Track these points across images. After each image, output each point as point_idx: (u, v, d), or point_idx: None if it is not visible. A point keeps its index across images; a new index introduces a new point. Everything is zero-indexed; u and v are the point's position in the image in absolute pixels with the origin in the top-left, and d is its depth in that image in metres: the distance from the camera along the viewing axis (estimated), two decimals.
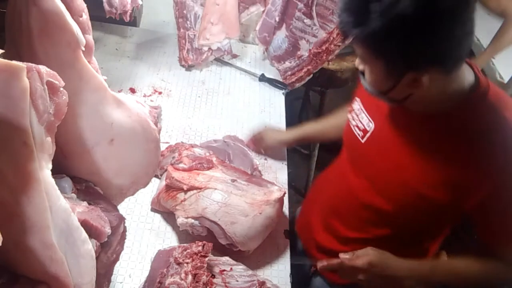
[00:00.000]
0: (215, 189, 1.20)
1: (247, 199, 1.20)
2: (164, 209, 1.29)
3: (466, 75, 0.91)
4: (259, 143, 1.50)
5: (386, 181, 1.03)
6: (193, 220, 1.19)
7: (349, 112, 1.14)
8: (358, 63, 0.92)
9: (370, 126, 1.05)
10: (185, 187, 1.21)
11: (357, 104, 1.11)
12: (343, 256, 1.02)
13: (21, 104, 0.54)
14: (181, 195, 1.21)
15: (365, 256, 1.00)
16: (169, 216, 1.31)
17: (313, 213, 1.29)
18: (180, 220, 1.20)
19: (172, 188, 1.24)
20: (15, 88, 0.52)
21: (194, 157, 1.30)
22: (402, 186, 0.99)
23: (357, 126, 1.09)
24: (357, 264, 0.99)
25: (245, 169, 1.36)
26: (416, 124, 0.96)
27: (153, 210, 1.32)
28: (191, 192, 1.21)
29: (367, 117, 1.07)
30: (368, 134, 1.06)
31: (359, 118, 1.09)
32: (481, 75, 0.92)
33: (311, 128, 1.45)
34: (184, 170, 1.25)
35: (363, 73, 0.93)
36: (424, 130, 0.95)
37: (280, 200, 1.24)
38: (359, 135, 1.09)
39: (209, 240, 1.14)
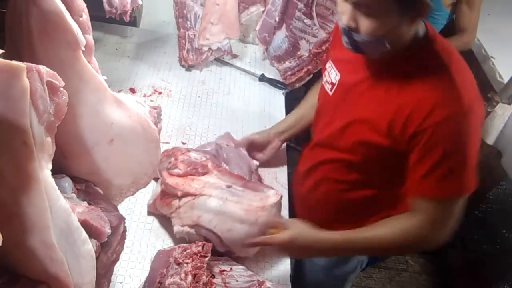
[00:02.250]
0: (210, 196, 1.17)
1: (243, 206, 1.17)
2: (160, 213, 1.28)
3: (420, 26, 1.01)
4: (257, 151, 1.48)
5: (342, 129, 1.11)
6: (189, 229, 1.17)
7: (323, 71, 1.24)
8: (349, 21, 0.97)
9: (336, 78, 1.15)
10: (179, 193, 1.18)
11: (328, 63, 1.20)
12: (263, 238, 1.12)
13: (21, 104, 0.54)
14: (175, 202, 1.19)
15: (288, 229, 1.09)
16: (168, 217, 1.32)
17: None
18: (176, 228, 1.19)
19: (167, 194, 1.22)
20: (15, 88, 0.52)
21: (190, 162, 1.27)
22: (353, 133, 1.08)
23: (327, 81, 1.19)
24: (277, 242, 1.09)
25: (242, 173, 1.32)
26: (370, 74, 1.06)
27: (150, 214, 1.31)
28: (186, 199, 1.18)
29: (335, 71, 1.16)
30: (335, 86, 1.15)
31: (329, 74, 1.18)
32: (430, 27, 1.03)
33: (293, 118, 1.47)
34: (178, 175, 1.23)
35: (353, 29, 0.98)
36: (374, 79, 1.05)
37: (277, 205, 1.22)
38: (328, 88, 1.18)
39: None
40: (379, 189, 1.16)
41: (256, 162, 1.45)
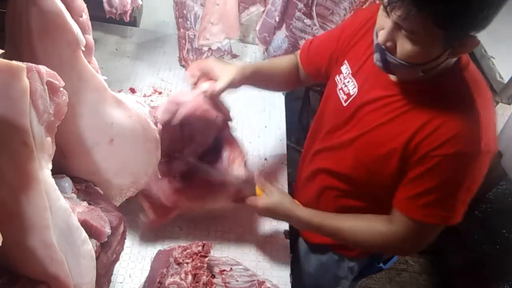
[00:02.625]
0: None
1: None
2: None
3: None
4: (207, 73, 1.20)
5: (355, 144, 1.09)
6: None
7: (337, 74, 1.16)
8: (387, 39, 0.90)
9: (354, 91, 1.10)
10: None
11: (345, 68, 1.13)
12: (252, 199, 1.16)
13: (21, 104, 0.54)
14: None
15: (264, 200, 1.14)
16: None
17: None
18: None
19: None
20: (15, 88, 0.52)
21: None
22: (363, 149, 1.07)
23: (342, 90, 1.13)
24: (257, 206, 1.15)
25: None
26: (393, 91, 1.01)
27: None
28: None
29: (354, 82, 1.10)
30: (350, 99, 1.10)
31: (345, 82, 1.12)
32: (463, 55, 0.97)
33: (259, 66, 1.36)
34: None
35: (388, 49, 0.91)
36: (397, 98, 1.00)
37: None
38: (342, 98, 1.13)
39: None
40: (378, 203, 1.14)
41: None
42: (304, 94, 2.74)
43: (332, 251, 1.32)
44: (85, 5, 0.74)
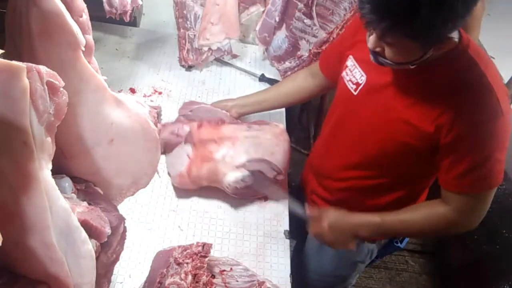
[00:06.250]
0: (243, 136, 1.35)
1: (267, 135, 1.38)
2: (193, 184, 1.35)
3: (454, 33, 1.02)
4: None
5: (373, 128, 1.14)
6: (242, 173, 1.29)
7: (343, 70, 1.22)
8: (375, 46, 0.99)
9: (362, 79, 1.15)
10: (216, 138, 1.33)
11: (350, 61, 1.20)
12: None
13: (21, 104, 0.54)
14: (215, 152, 1.32)
15: (324, 218, 1.18)
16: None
17: (309, 172, 1.46)
18: (230, 177, 1.29)
19: (202, 148, 1.34)
20: (15, 88, 0.52)
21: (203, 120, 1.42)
22: (386, 132, 1.11)
23: (351, 81, 1.19)
24: (319, 226, 1.19)
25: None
26: (404, 76, 1.06)
27: (176, 189, 1.38)
28: (224, 148, 1.32)
29: (360, 71, 1.15)
30: (360, 87, 1.16)
31: (353, 73, 1.18)
32: (463, 33, 1.03)
33: (256, 99, 1.53)
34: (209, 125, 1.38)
35: (378, 52, 1.00)
36: (411, 82, 1.06)
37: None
38: (352, 88, 1.18)
39: (252, 188, 1.32)
40: (406, 188, 1.21)
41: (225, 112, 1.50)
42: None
43: None
44: (85, 5, 0.74)
